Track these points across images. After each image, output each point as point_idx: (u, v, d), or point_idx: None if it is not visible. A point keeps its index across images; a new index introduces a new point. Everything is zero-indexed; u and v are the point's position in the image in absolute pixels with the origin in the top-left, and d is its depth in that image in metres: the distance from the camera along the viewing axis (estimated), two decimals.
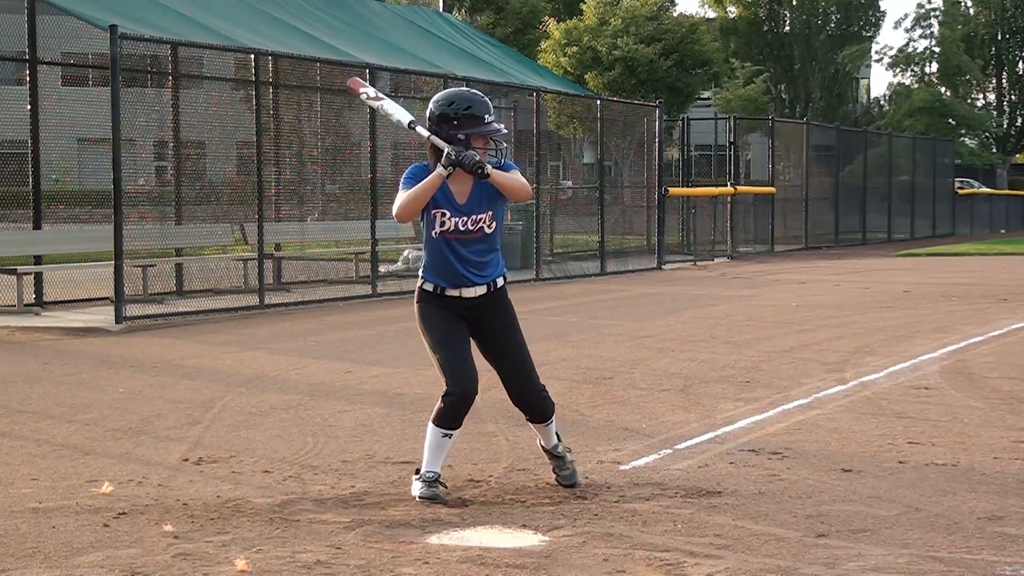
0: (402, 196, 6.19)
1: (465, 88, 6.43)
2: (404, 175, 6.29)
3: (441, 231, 6.22)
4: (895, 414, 8.73)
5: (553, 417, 6.54)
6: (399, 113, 6.48)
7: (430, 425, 6.27)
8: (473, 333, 6.37)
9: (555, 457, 6.56)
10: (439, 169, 6.07)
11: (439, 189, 6.14)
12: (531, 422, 6.57)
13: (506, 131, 6.35)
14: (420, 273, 6.42)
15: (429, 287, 6.37)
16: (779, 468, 6.99)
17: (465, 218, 6.20)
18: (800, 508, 6.10)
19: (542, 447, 6.61)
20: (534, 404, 6.43)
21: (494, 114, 6.29)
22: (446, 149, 6.04)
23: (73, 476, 6.86)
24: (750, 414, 8.72)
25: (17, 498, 6.34)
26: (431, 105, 6.29)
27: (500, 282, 6.36)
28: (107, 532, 5.67)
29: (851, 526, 5.77)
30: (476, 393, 6.24)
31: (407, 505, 6.14)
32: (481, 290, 6.29)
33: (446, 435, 6.23)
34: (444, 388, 6.23)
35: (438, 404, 6.25)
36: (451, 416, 6.21)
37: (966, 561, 5.23)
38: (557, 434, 6.58)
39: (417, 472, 6.30)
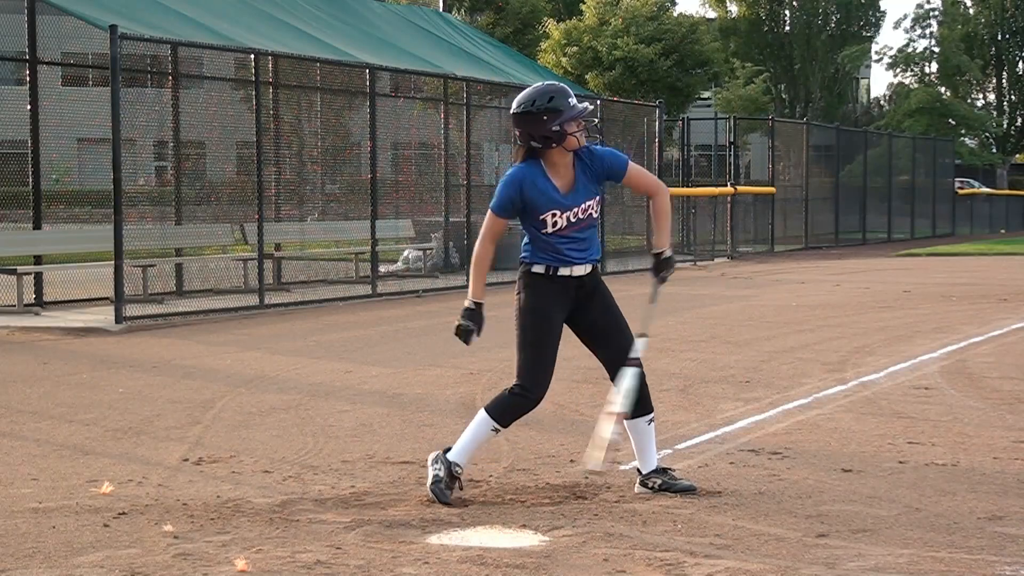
0: (490, 229, 6.18)
1: (538, 83, 6.35)
2: (502, 185, 6.15)
3: (554, 231, 6.14)
4: (895, 414, 8.73)
5: (654, 419, 6.42)
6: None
7: (483, 414, 6.21)
8: (576, 314, 6.28)
9: (665, 472, 6.42)
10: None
11: (543, 191, 6.09)
12: (632, 418, 6.35)
13: (592, 107, 6.30)
14: (524, 258, 6.23)
15: (540, 269, 6.18)
16: (779, 468, 6.98)
17: (575, 209, 6.15)
18: (800, 508, 6.10)
19: (640, 473, 6.41)
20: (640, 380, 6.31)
21: (572, 95, 6.20)
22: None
23: (73, 476, 6.86)
24: (750, 414, 8.72)
25: (17, 498, 6.34)
26: (514, 107, 6.16)
27: (598, 259, 6.35)
28: (107, 532, 5.67)
29: (851, 526, 5.77)
30: (542, 400, 6.22)
31: (407, 505, 6.14)
32: (588, 267, 6.24)
33: (496, 430, 6.21)
34: (516, 382, 6.16)
35: (504, 396, 6.20)
36: (513, 413, 6.20)
37: (966, 561, 5.23)
38: None
39: (447, 451, 6.20)
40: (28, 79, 15.91)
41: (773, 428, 8.21)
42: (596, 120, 6.35)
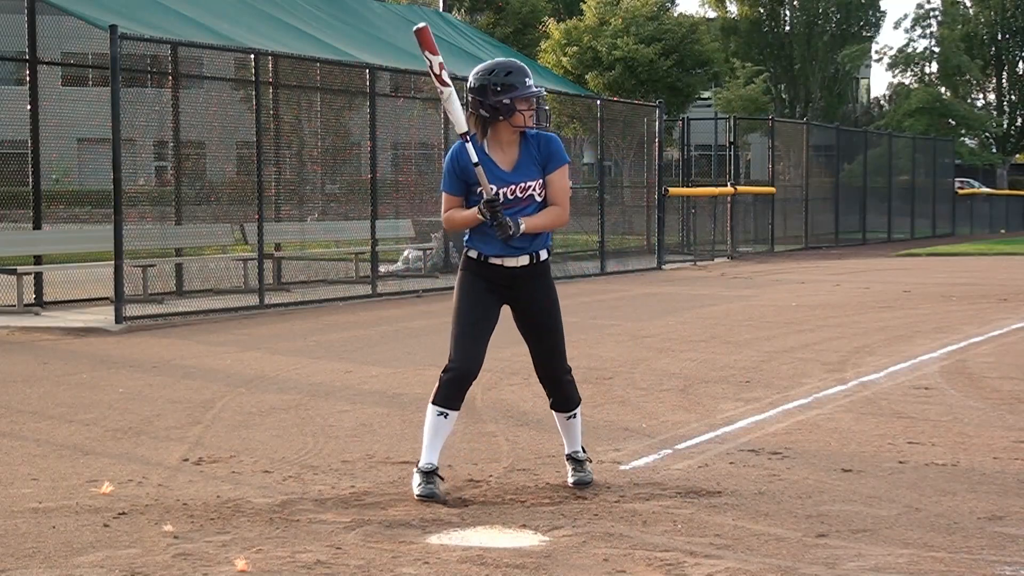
0: (446, 214, 6.31)
1: (501, 57, 6.48)
2: (446, 160, 6.31)
3: None
4: (895, 414, 8.73)
5: (579, 414, 6.55)
6: (458, 115, 6.29)
7: (428, 406, 6.27)
8: (511, 304, 6.36)
9: (575, 461, 6.58)
10: (476, 211, 6.14)
11: (482, 163, 6.16)
12: (554, 410, 6.56)
13: (545, 92, 6.40)
14: (464, 241, 6.39)
15: (473, 254, 6.32)
16: (779, 468, 6.99)
17: (513, 186, 6.21)
18: (800, 508, 6.10)
19: (565, 455, 6.62)
20: (557, 387, 6.44)
21: (532, 78, 6.31)
22: (482, 208, 6.10)
23: (73, 476, 6.86)
24: (750, 414, 8.72)
25: (17, 498, 6.35)
26: (471, 78, 6.26)
27: (544, 254, 6.33)
28: (107, 532, 5.67)
29: (851, 526, 5.77)
30: (475, 375, 6.25)
31: (407, 505, 6.14)
32: (524, 260, 6.27)
33: (442, 414, 6.23)
34: (445, 364, 6.24)
35: (437, 382, 6.26)
36: (448, 393, 6.21)
37: (966, 561, 5.23)
38: (583, 447, 6.63)
39: (417, 464, 6.31)
40: (28, 79, 15.91)
41: (773, 428, 8.21)
42: (547, 107, 6.39)
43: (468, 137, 6.19)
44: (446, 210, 6.37)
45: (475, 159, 6.15)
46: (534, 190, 6.23)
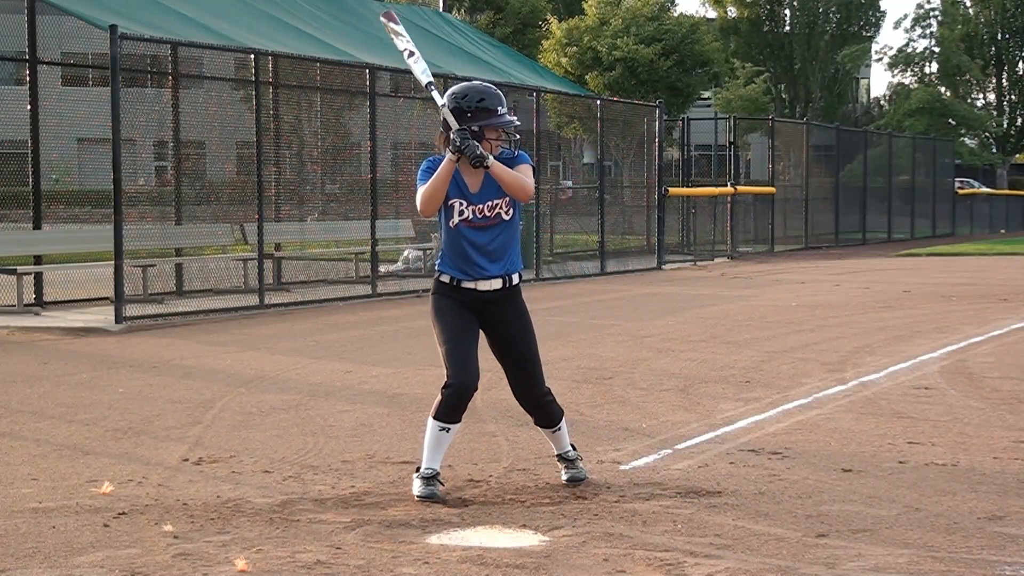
0: (421, 190, 6.32)
1: (478, 81, 6.49)
2: (420, 168, 6.38)
3: (460, 220, 6.29)
4: (895, 414, 8.74)
5: (563, 424, 6.60)
6: (422, 69, 6.50)
7: (429, 420, 6.31)
8: (485, 329, 6.41)
9: (565, 460, 6.64)
10: (448, 155, 6.15)
11: (453, 180, 6.24)
12: (538, 426, 6.65)
13: (519, 123, 6.45)
14: (437, 265, 6.45)
15: (446, 279, 6.37)
16: (779, 468, 6.99)
17: (481, 205, 6.28)
18: (800, 508, 6.10)
19: (556, 455, 6.70)
20: (537, 408, 6.53)
21: (507, 106, 6.36)
22: (452, 135, 6.13)
23: (73, 476, 6.87)
24: (750, 414, 8.73)
25: (17, 498, 6.35)
26: (444, 98, 6.31)
27: (515, 278, 6.39)
28: (107, 532, 5.67)
29: (851, 526, 5.77)
30: (475, 387, 6.28)
31: (407, 505, 6.14)
32: (496, 284, 6.33)
33: (444, 429, 6.25)
34: (444, 381, 6.26)
35: (437, 397, 6.30)
36: (449, 408, 6.23)
37: (966, 561, 5.24)
38: (573, 445, 6.68)
39: (418, 470, 6.32)
40: (28, 79, 15.91)
41: (773, 428, 8.22)
42: (518, 137, 6.44)
43: (433, 88, 6.40)
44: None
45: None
46: (501, 208, 6.29)
